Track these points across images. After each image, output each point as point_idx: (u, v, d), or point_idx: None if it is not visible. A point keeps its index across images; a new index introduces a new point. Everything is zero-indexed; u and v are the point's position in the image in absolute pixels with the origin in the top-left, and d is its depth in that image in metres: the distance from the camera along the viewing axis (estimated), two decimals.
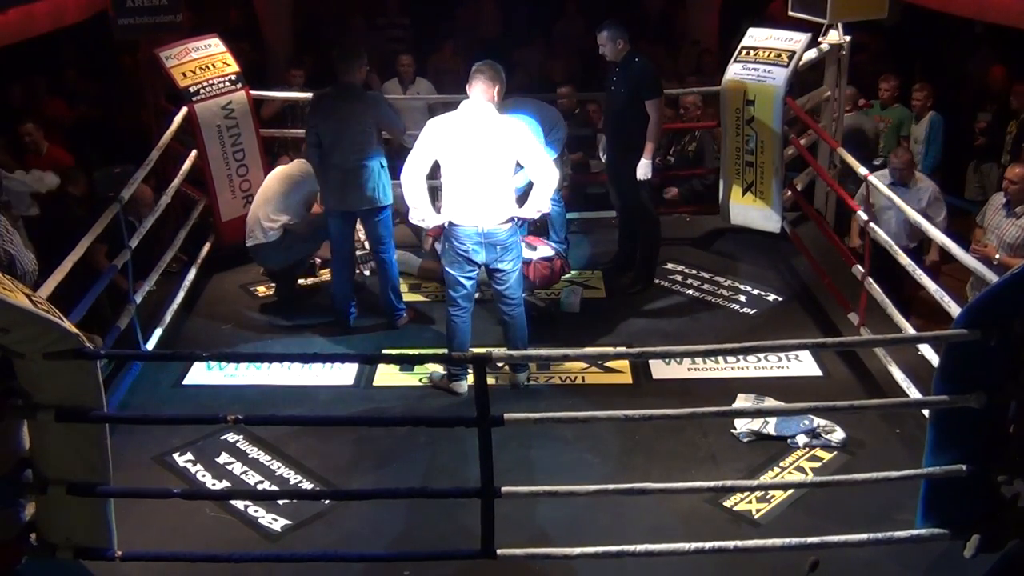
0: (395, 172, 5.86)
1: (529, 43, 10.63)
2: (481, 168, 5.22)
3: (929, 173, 8.22)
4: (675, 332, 6.30)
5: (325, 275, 6.88)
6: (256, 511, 4.62)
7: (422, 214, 5.39)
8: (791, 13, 7.66)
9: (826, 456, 4.99)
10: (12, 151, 7.38)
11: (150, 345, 5.89)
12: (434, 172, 5.45)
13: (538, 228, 7.19)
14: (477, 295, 5.64)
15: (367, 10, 11.44)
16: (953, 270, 6.76)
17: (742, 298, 6.76)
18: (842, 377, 5.73)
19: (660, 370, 5.81)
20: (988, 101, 8.45)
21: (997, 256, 6.03)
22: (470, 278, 5.43)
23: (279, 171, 6.70)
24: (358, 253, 6.96)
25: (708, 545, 3.96)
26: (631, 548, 3.94)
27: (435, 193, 5.71)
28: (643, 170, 6.57)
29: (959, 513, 3.96)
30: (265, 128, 7.69)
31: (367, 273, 7.03)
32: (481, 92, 5.25)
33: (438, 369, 5.73)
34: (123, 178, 6.31)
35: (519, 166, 6.86)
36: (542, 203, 5.39)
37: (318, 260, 6.98)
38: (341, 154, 5.97)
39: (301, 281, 6.87)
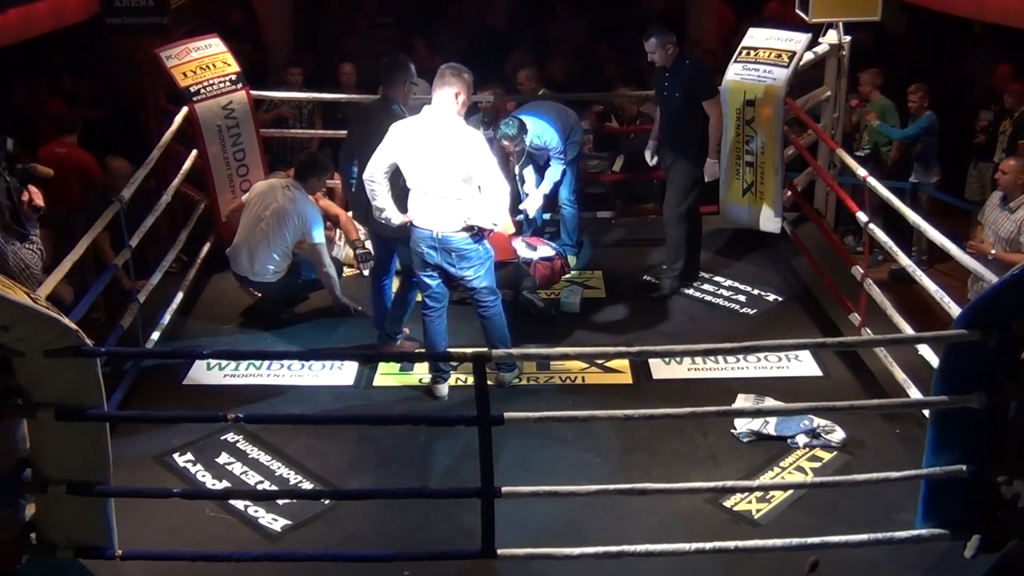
0: None
1: (519, 46, 10.53)
2: (436, 175, 5.20)
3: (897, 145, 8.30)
4: (675, 332, 6.30)
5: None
6: (256, 511, 4.61)
7: (387, 213, 5.40)
8: (797, 11, 7.68)
9: (826, 456, 4.99)
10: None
11: (150, 345, 5.89)
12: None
13: (544, 229, 7.24)
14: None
15: (354, 10, 11.38)
16: (952, 270, 6.77)
17: (742, 298, 6.76)
18: (842, 377, 5.72)
19: (660, 370, 5.81)
20: (994, 100, 8.45)
21: (992, 251, 6.06)
22: (432, 278, 5.43)
23: (272, 206, 6.32)
24: (358, 252, 6.96)
25: (708, 545, 3.96)
26: (631, 548, 3.94)
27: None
28: (711, 169, 6.59)
29: (959, 513, 3.96)
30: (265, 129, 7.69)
31: (365, 273, 7.03)
32: (443, 98, 5.19)
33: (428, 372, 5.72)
34: None
35: (539, 175, 6.92)
36: (494, 216, 5.32)
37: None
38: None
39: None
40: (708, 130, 6.57)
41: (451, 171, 5.18)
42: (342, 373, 5.83)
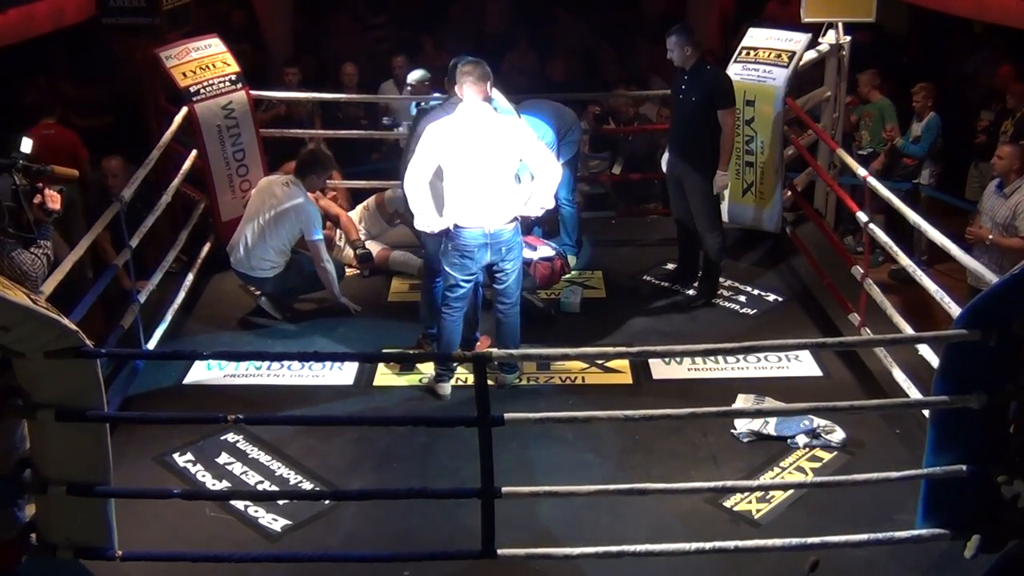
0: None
1: (516, 46, 10.53)
2: (485, 170, 5.20)
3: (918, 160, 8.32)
4: (675, 332, 6.30)
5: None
6: (256, 511, 4.61)
7: (427, 220, 5.32)
8: (801, 11, 7.68)
9: (826, 456, 4.99)
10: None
11: (150, 345, 5.89)
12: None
13: (549, 229, 7.22)
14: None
15: (346, 11, 11.39)
16: (952, 270, 6.78)
17: (742, 298, 6.75)
18: (842, 377, 5.72)
19: (660, 370, 5.81)
20: (994, 100, 8.46)
21: (990, 237, 6.12)
22: (469, 280, 5.42)
23: (270, 202, 6.34)
24: (358, 252, 6.96)
25: (708, 545, 3.96)
26: (631, 548, 3.94)
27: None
28: (721, 182, 6.39)
29: (959, 513, 3.96)
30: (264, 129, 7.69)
31: (366, 274, 7.03)
32: (474, 91, 5.20)
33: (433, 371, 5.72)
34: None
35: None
36: (544, 200, 5.40)
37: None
38: None
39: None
40: (720, 139, 6.36)
41: (501, 163, 5.20)
42: (342, 373, 5.83)
